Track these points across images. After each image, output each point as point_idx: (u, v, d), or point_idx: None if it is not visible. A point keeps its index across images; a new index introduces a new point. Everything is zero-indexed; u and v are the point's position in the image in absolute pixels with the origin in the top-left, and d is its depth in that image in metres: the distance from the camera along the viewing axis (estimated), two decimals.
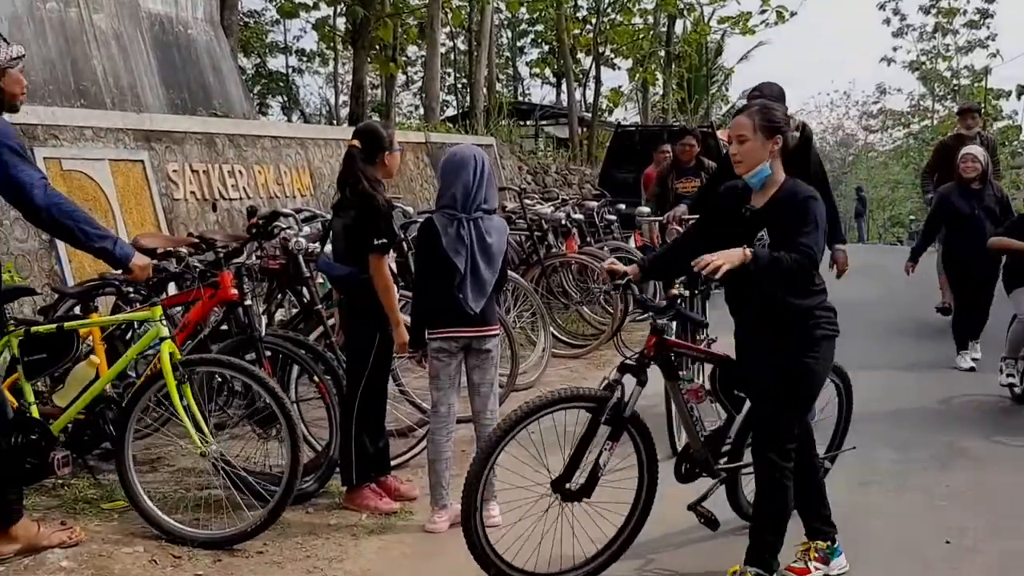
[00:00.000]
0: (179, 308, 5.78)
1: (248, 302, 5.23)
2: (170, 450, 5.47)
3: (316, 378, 5.14)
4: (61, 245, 7.36)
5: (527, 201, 9.55)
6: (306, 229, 6.23)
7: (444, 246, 4.45)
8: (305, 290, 6.10)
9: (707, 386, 3.96)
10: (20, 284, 6.04)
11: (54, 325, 4.69)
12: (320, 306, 5.76)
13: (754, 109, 3.63)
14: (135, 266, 4.23)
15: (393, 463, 5.29)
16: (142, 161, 8.48)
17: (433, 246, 4.49)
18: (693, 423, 3.93)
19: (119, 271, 4.37)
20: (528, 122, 27.12)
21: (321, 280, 6.04)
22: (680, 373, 3.91)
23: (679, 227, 6.46)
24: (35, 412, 4.52)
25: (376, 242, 4.64)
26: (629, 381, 3.72)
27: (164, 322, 4.57)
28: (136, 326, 5.42)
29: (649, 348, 3.74)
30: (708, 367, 4.09)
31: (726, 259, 3.39)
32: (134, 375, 5.25)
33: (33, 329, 4.65)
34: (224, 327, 5.46)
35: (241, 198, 9.63)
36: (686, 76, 29.48)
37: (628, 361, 3.71)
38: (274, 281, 6.40)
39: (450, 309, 4.50)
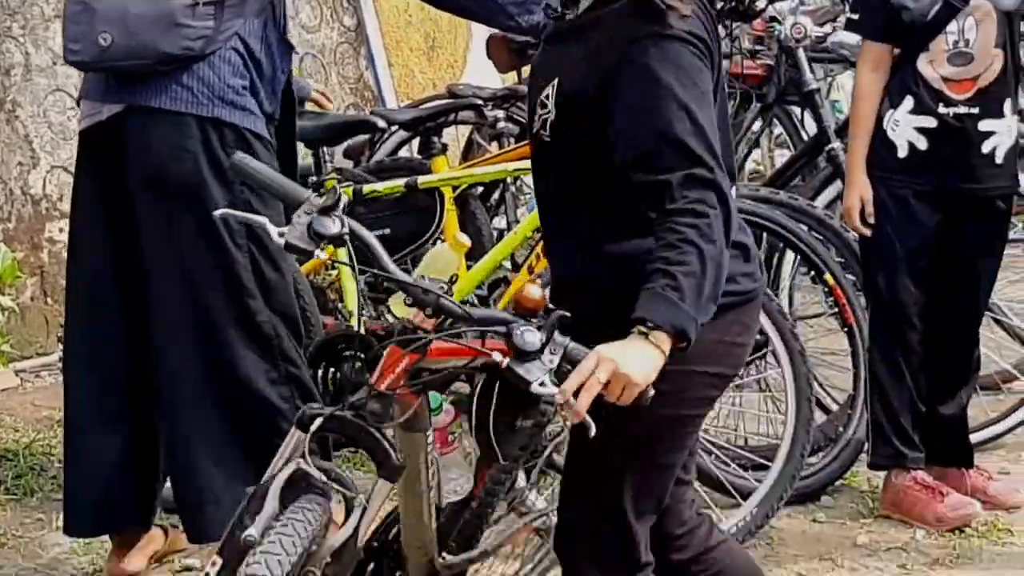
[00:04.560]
0: None
1: None
2: None
3: (829, 275, 5.25)
4: (375, 39, 7.95)
5: None
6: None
7: None
8: (809, 115, 6.22)
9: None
10: (352, 116, 6.54)
11: (402, 182, 5.08)
12: (835, 145, 5.78)
13: None
14: None
15: (977, 441, 5.34)
16: None
17: None
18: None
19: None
20: None
21: (837, 98, 6.08)
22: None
23: None
24: (357, 325, 4.94)
25: None
26: None
27: None
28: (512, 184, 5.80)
29: None
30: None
31: (610, 371, 2.73)
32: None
33: (367, 188, 5.08)
34: None
35: None
36: None
37: None
38: (750, 99, 6.52)
39: None
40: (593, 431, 2.74)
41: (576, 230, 3.09)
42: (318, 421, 2.96)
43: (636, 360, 2.74)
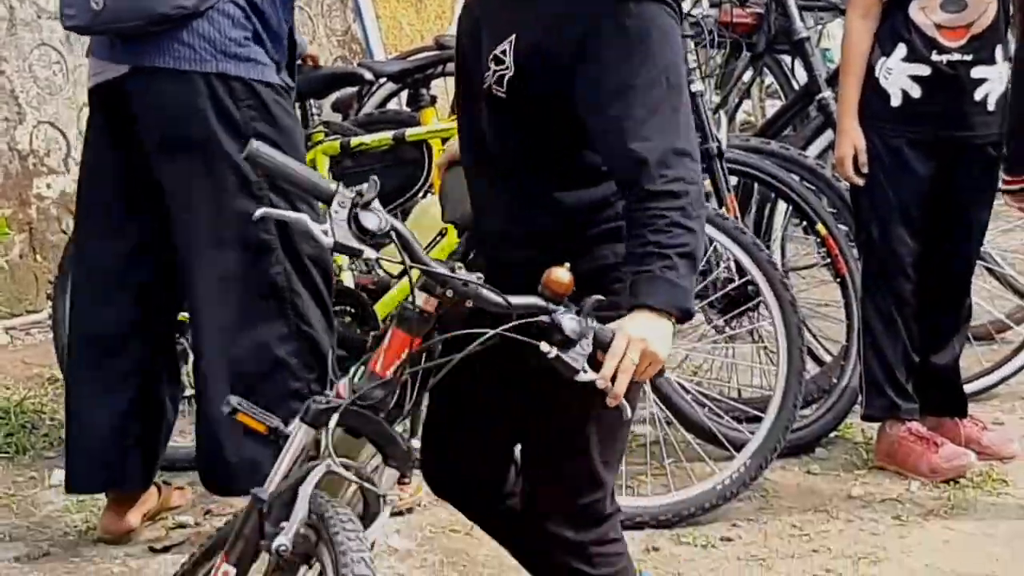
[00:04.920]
0: None
1: (698, 87, 5.36)
2: None
3: (821, 226, 5.27)
4: None
5: None
6: None
7: None
8: (800, 64, 6.18)
9: None
10: (340, 68, 6.50)
11: (390, 135, 5.10)
12: (826, 94, 5.77)
13: None
14: None
15: (971, 391, 5.38)
16: None
17: None
18: None
19: None
20: None
21: (827, 46, 6.02)
22: None
23: None
24: (347, 279, 4.98)
25: None
26: None
27: None
28: None
29: None
30: None
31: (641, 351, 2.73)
32: None
33: (355, 141, 5.08)
34: None
35: None
36: None
37: None
38: (740, 49, 6.50)
39: None
40: (630, 412, 2.76)
41: (534, 184, 3.07)
42: (335, 418, 2.85)
43: (659, 337, 2.75)
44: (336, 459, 2.82)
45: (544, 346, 2.73)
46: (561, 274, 2.77)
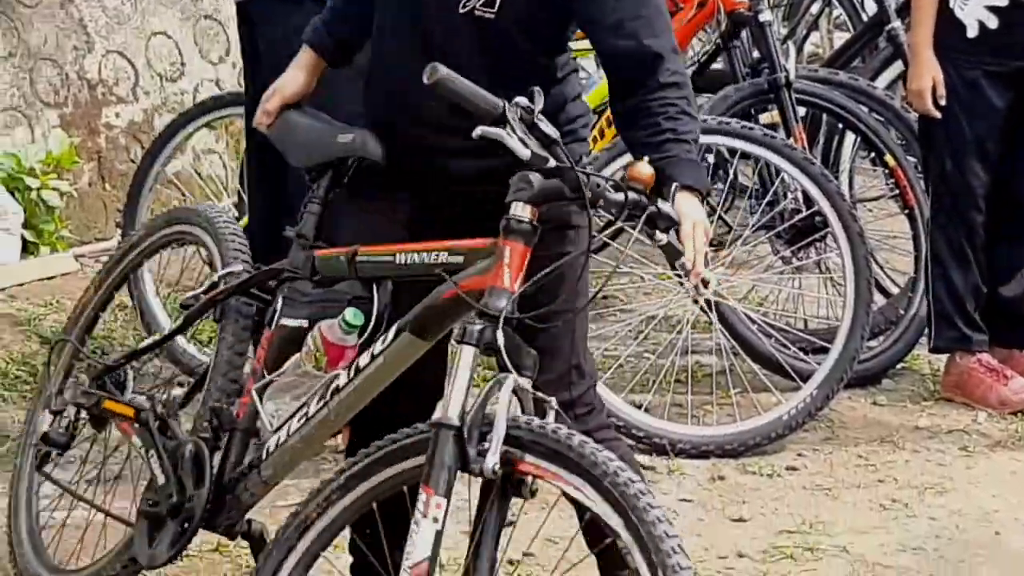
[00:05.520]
0: None
1: (767, 17, 5.34)
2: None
3: (890, 157, 5.25)
4: None
5: None
6: None
7: None
8: None
9: None
10: None
11: None
12: (896, 25, 5.73)
13: None
14: None
15: None
16: None
17: None
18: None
19: None
20: None
21: None
22: None
23: None
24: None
25: None
26: None
27: None
28: None
29: None
30: None
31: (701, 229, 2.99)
32: None
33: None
34: (716, 64, 5.69)
35: None
36: None
37: None
38: None
39: None
40: (713, 283, 2.99)
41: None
42: (500, 335, 2.81)
43: (705, 216, 3.02)
44: (517, 375, 2.82)
45: (659, 234, 2.92)
46: (645, 167, 2.91)
